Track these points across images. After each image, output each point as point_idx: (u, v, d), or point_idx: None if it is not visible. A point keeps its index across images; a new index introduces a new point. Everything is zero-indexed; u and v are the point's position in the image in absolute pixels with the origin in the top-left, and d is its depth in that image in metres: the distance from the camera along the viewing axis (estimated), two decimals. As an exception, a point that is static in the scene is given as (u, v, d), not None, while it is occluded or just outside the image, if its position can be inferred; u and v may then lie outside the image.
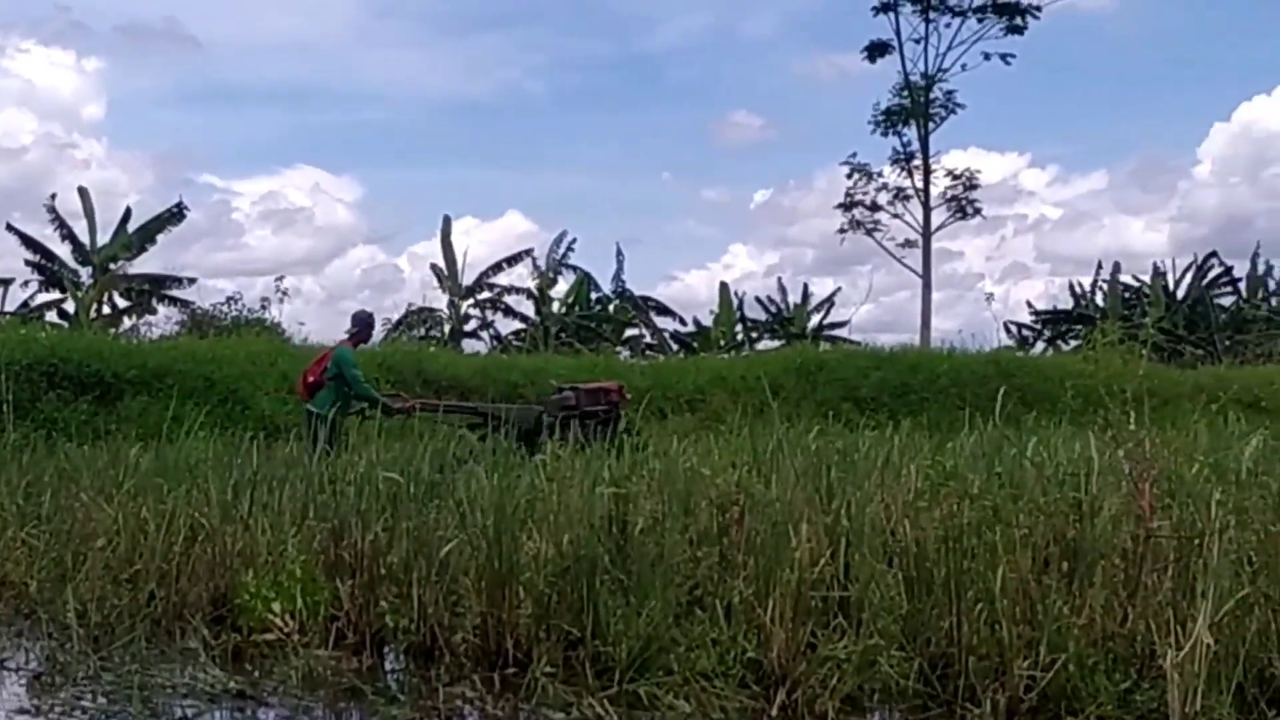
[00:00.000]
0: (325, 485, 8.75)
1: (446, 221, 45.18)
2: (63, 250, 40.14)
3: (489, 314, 45.32)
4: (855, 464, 8.70)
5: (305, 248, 70.89)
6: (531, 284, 45.08)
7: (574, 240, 45.91)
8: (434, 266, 45.33)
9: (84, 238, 40.17)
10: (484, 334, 45.27)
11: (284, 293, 31.80)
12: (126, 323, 37.81)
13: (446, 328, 44.16)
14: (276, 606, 7.78)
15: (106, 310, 39.83)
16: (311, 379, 14.59)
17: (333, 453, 10.89)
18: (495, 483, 7.96)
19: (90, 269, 40.03)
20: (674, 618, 7.08)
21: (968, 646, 6.37)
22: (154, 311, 39.08)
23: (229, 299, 32.56)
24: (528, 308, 45.62)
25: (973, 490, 7.13)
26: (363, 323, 15.51)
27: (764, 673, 6.51)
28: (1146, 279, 51.43)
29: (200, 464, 10.02)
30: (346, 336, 15.11)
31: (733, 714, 6.24)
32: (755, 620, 6.69)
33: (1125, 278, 51.30)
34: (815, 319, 49.50)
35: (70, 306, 40.19)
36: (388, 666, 7.63)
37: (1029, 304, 53.91)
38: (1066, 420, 9.54)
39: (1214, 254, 51.34)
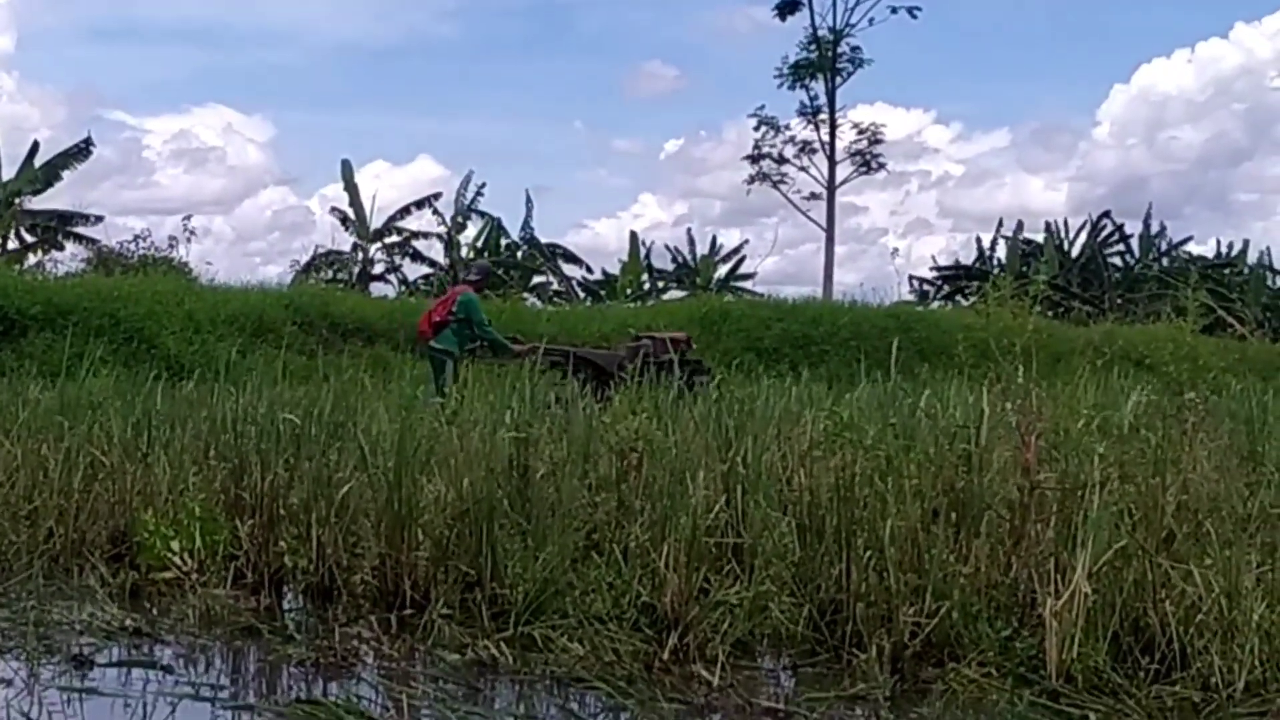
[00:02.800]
0: (227, 425, 8.72)
1: (347, 165, 44.75)
2: (-33, 185, 39.36)
3: (397, 258, 44.95)
4: (754, 413, 8.80)
5: (216, 188, 70.40)
6: (439, 229, 44.74)
7: (483, 185, 45.59)
8: (335, 210, 44.81)
9: (-10, 173, 39.40)
10: (392, 278, 44.98)
11: (192, 232, 31.36)
12: (31, 259, 37.09)
13: (354, 271, 43.79)
14: (175, 545, 7.78)
15: (12, 245, 39.11)
16: (437, 318, 15.80)
17: (451, 387, 11.47)
18: (396, 425, 7.99)
19: (-6, 204, 39.26)
20: (571, 562, 7.16)
21: (856, 594, 6.50)
22: (60, 248, 38.39)
23: (136, 237, 32.07)
24: (437, 252, 45.34)
25: (867, 441, 7.26)
26: (485, 272, 18.80)
27: (657, 617, 6.61)
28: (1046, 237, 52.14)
29: (103, 402, 9.96)
30: (468, 283, 16.69)
31: (625, 657, 6.33)
32: (650, 565, 6.79)
33: (1027, 236, 51.94)
34: (722, 270, 49.67)
35: (-26, 242, 39.46)
36: (286, 606, 7.67)
37: (933, 259, 54.54)
38: (960, 374, 9.71)
39: (1107, 213, 52.25)
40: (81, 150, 39.55)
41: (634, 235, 48.17)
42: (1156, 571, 6.17)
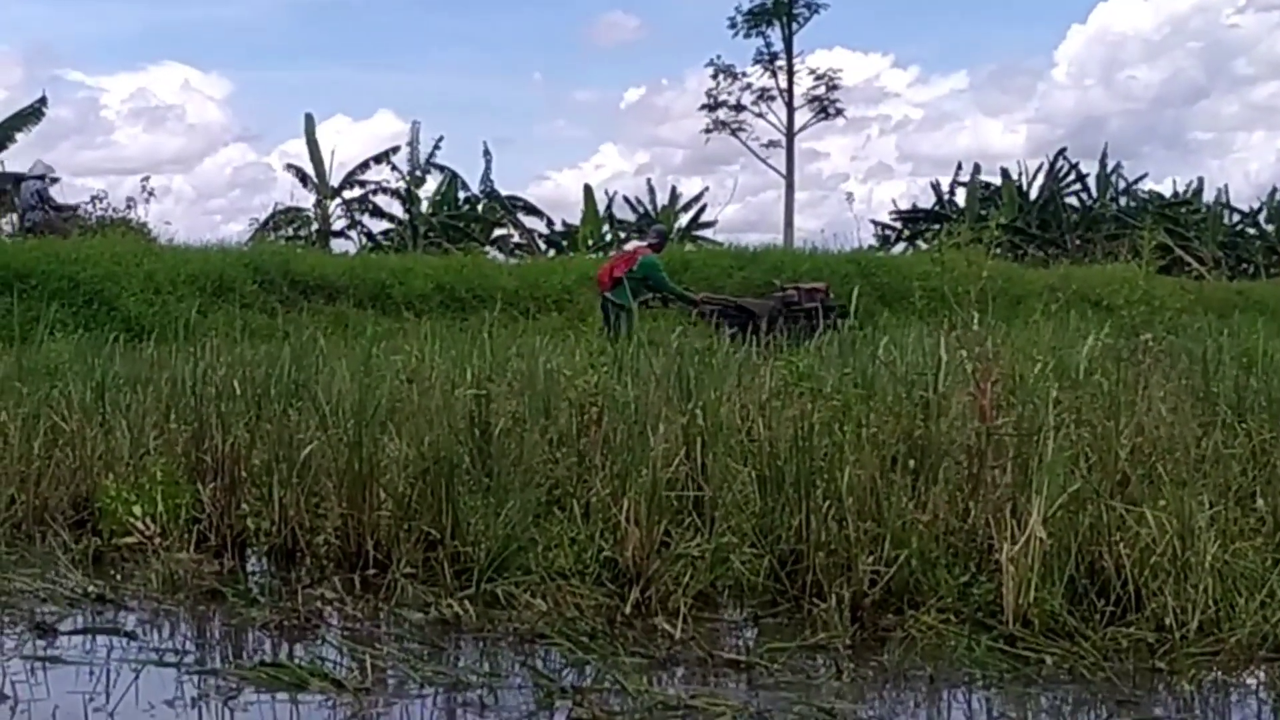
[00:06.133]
0: (187, 387, 8.70)
1: (310, 120, 44.26)
2: (-78, 148, 38.86)
3: (357, 214, 44.64)
4: (714, 364, 8.85)
5: (176, 146, 69.98)
6: (398, 184, 44.44)
7: (441, 139, 45.14)
8: (292, 166, 44.36)
9: (-57, 135, 38.88)
10: (352, 233, 44.69)
11: (150, 193, 30.97)
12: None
13: (314, 227, 43.50)
14: (137, 510, 7.76)
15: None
16: (618, 274, 17.41)
17: (632, 335, 11.75)
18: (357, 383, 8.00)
19: (-52, 167, 38.76)
20: (533, 518, 7.19)
21: (816, 543, 6.54)
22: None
23: (94, 198, 31.72)
24: (397, 207, 45.07)
25: (825, 389, 7.30)
26: (661, 235, 20.94)
27: (619, 571, 6.66)
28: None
29: (62, 366, 9.93)
30: (648, 245, 18.62)
31: (588, 611, 6.37)
32: (611, 520, 6.83)
33: (986, 178, 51.99)
34: (684, 219, 49.56)
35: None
36: (249, 569, 7.70)
37: (893, 203, 54.59)
38: (920, 319, 9.76)
39: (1062, 151, 52.20)
40: (35, 111, 39.03)
41: (588, 188, 47.72)
42: (1111, 514, 6.23)
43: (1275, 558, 6.21)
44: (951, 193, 52.60)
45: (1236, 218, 54.79)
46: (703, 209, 50.29)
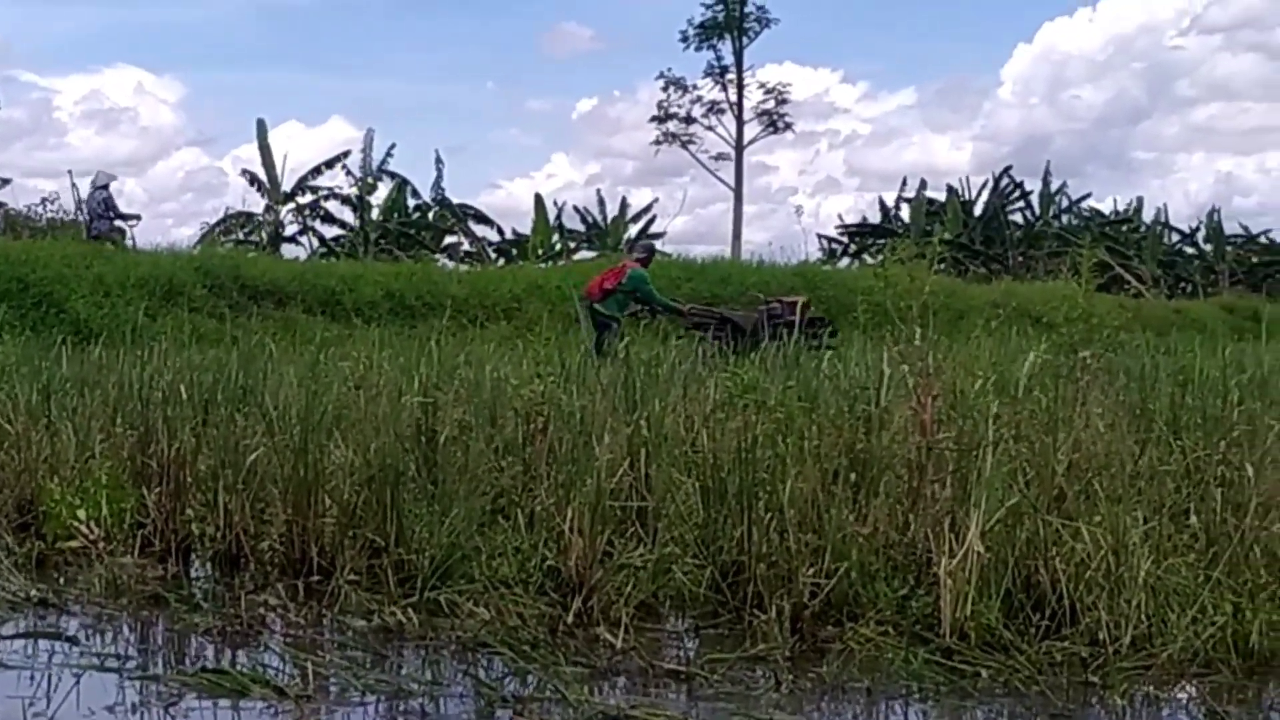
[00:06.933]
0: (134, 391, 8.68)
1: (262, 125, 43.97)
2: None
3: (309, 219, 44.39)
4: (658, 376, 8.91)
5: (129, 149, 69.31)
6: (350, 190, 44.24)
7: (392, 146, 44.99)
8: (246, 172, 44.08)
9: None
10: (304, 239, 44.44)
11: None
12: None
13: (265, 233, 43.25)
14: (82, 514, 7.74)
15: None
16: (608, 286, 17.94)
17: (617, 346, 11.89)
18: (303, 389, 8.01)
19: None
20: (478, 526, 7.23)
21: (757, 555, 6.60)
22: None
23: (44, 200, 31.60)
24: (348, 214, 44.84)
25: (769, 402, 7.37)
26: (649, 250, 21.62)
27: (562, 580, 6.70)
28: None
29: (9, 368, 9.89)
30: (637, 260, 19.00)
31: (530, 621, 6.40)
32: (555, 529, 6.87)
33: (932, 194, 52.37)
34: (633, 230, 49.58)
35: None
36: (193, 574, 7.69)
37: (839, 217, 54.92)
38: (863, 333, 9.87)
39: (1007, 169, 52.87)
40: (-11, 111, 38.76)
41: (539, 198, 47.70)
42: (1048, 529, 6.33)
43: (1207, 574, 6.30)
44: (897, 208, 53.13)
45: (1176, 237, 55.47)
46: (652, 220, 50.35)
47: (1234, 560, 6.33)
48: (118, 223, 25.31)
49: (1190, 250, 55.11)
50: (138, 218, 25.93)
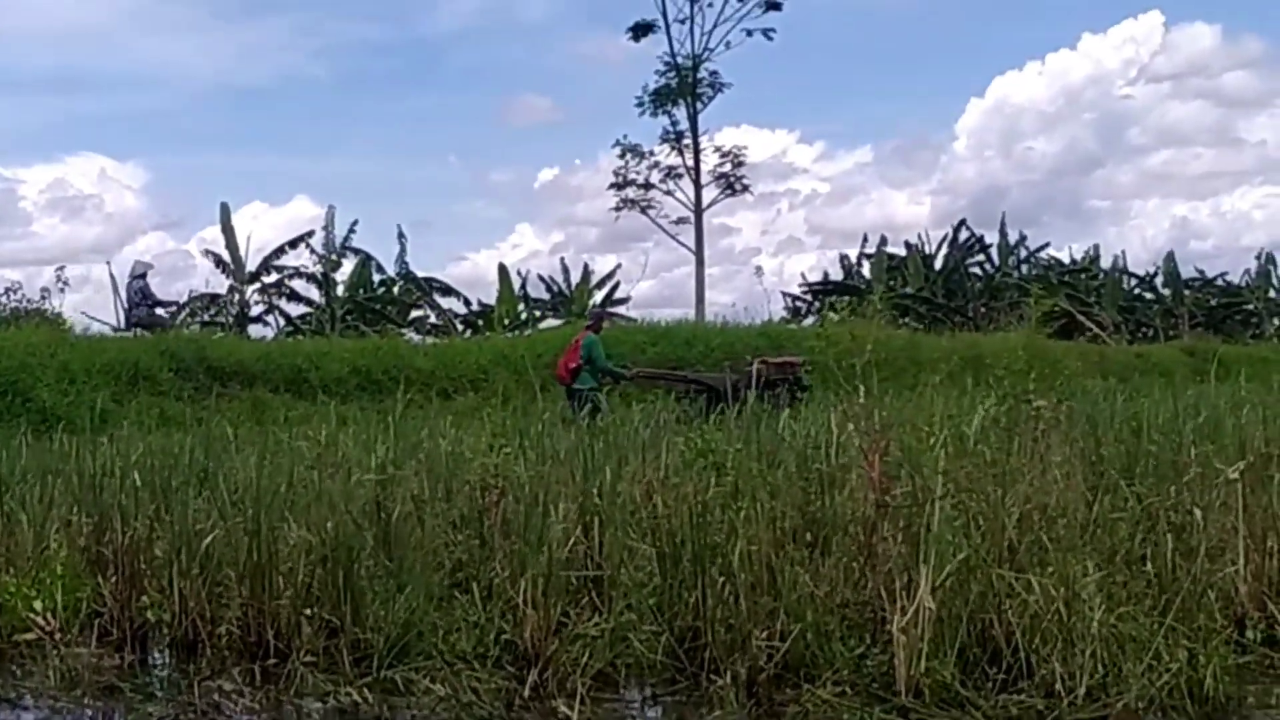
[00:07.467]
0: (90, 480, 8.63)
1: (225, 208, 43.90)
2: None
3: (274, 298, 44.29)
4: (615, 442, 8.91)
5: (94, 235, 69.12)
6: (314, 268, 44.16)
7: (355, 222, 44.94)
8: (209, 253, 43.94)
9: None
10: (270, 318, 44.32)
11: (65, 283, 30.82)
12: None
13: (230, 314, 43.12)
14: (38, 605, 7.70)
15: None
16: (573, 365, 18.39)
17: (602, 417, 12.41)
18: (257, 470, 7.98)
19: None
20: (437, 601, 7.21)
21: (713, 619, 6.60)
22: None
23: (7, 289, 31.51)
24: (314, 291, 44.76)
25: (724, 464, 7.37)
26: (598, 316, 22.03)
27: (519, 653, 6.68)
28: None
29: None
30: (587, 328, 19.42)
31: (486, 696, 6.38)
32: (511, 601, 6.85)
33: (892, 249, 52.68)
34: (598, 296, 49.63)
35: None
36: (151, 662, 7.63)
37: (802, 276, 55.22)
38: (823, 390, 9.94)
39: (963, 222, 53.33)
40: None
41: (503, 268, 47.66)
42: (1000, 582, 6.34)
43: (1161, 621, 6.32)
44: (859, 264, 53.36)
45: (1134, 282, 55.88)
46: (616, 286, 50.41)
47: (1186, 606, 6.36)
48: (158, 310, 26.11)
49: (1149, 295, 55.51)
50: (176, 304, 26.18)
